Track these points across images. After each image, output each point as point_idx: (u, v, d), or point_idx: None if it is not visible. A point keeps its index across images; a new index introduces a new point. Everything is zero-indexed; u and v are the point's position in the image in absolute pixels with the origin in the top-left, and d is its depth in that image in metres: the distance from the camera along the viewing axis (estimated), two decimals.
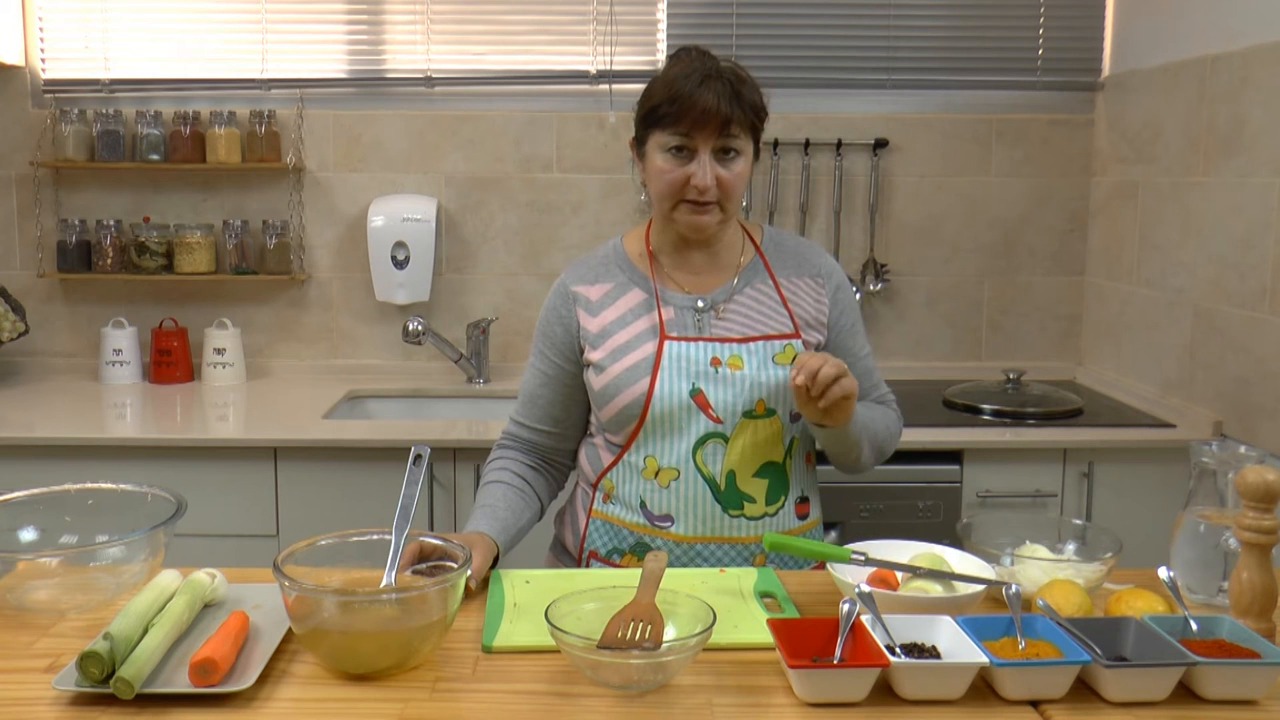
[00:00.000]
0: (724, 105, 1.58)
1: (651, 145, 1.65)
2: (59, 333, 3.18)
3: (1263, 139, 2.41)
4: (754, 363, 1.65)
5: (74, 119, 3.03)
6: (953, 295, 3.24)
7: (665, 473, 1.65)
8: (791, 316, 1.71)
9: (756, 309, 1.71)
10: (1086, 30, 3.14)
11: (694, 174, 1.61)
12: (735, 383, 1.64)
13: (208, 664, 1.17)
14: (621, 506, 1.69)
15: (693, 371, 1.64)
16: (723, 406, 1.63)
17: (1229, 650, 1.23)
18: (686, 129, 1.60)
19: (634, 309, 1.70)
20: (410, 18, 3.11)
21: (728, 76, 1.61)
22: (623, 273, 1.74)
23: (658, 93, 1.63)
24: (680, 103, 1.59)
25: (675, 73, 1.63)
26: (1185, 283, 2.71)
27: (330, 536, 1.38)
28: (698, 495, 1.64)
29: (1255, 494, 1.30)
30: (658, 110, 1.62)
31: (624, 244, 1.78)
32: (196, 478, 2.50)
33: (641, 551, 1.67)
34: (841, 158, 3.14)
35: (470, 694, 1.21)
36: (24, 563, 1.45)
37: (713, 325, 1.69)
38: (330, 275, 3.18)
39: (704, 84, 1.58)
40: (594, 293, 1.73)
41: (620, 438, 1.69)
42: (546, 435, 1.79)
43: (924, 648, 1.24)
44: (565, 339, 1.74)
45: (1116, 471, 2.58)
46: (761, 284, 1.73)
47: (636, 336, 1.68)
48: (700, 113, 1.58)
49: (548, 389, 1.77)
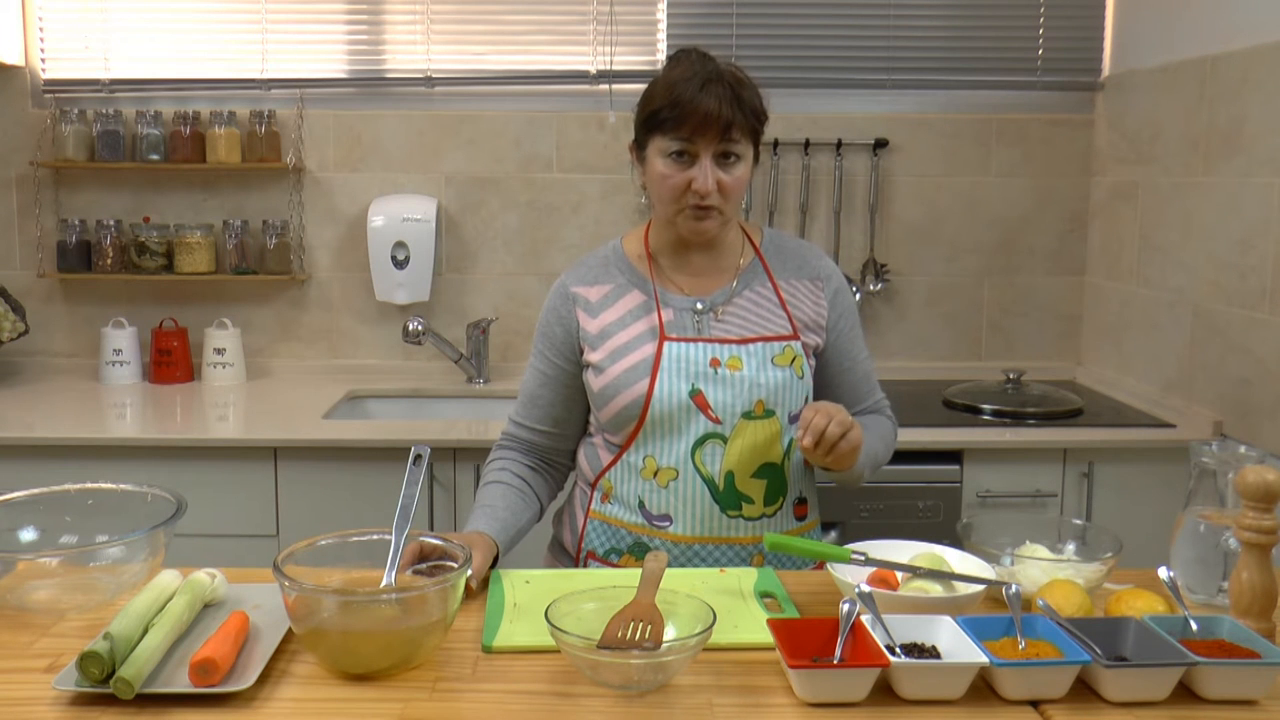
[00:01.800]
0: (725, 110, 1.57)
1: (652, 149, 1.65)
2: (59, 333, 3.18)
3: (1263, 139, 2.41)
4: (753, 364, 1.65)
5: (74, 119, 3.02)
6: (953, 295, 3.24)
7: (664, 472, 1.65)
8: (790, 319, 1.71)
9: (755, 311, 1.71)
10: (1086, 30, 3.14)
11: (695, 179, 1.60)
12: (734, 383, 1.64)
13: (208, 664, 1.17)
14: (620, 506, 1.69)
15: (692, 372, 1.64)
16: (722, 407, 1.64)
17: (1229, 650, 1.23)
18: (688, 134, 1.59)
19: (633, 310, 1.71)
20: (410, 18, 3.11)
21: (728, 80, 1.60)
22: (622, 274, 1.74)
23: (658, 96, 1.62)
24: (681, 107, 1.58)
25: (676, 76, 1.62)
26: (1185, 283, 2.71)
27: (330, 536, 1.38)
28: (696, 495, 1.64)
29: (1255, 494, 1.30)
30: (659, 115, 1.61)
31: (624, 245, 1.78)
32: (196, 478, 2.50)
33: (640, 552, 1.67)
34: (841, 158, 3.14)
35: (470, 694, 1.21)
36: (24, 563, 1.45)
37: (712, 327, 1.69)
38: (330, 275, 3.18)
39: (705, 88, 1.58)
40: (593, 294, 1.73)
41: (619, 438, 1.69)
42: (546, 436, 1.79)
43: (924, 648, 1.24)
44: (565, 339, 1.74)
45: (1116, 471, 2.58)
46: (760, 286, 1.73)
47: (636, 338, 1.68)
48: (702, 118, 1.58)
49: (547, 389, 1.77)
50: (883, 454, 1.78)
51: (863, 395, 1.80)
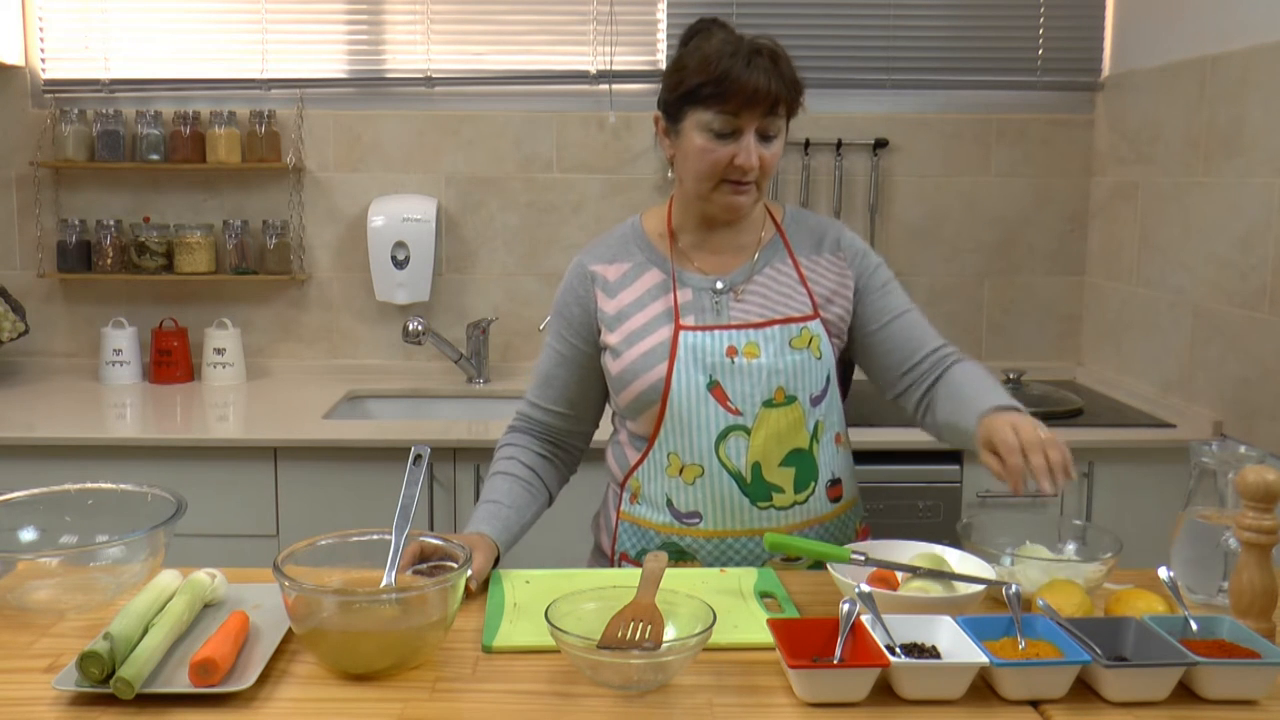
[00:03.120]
0: (773, 84, 1.53)
1: (690, 123, 1.58)
2: (59, 333, 3.18)
3: (1263, 139, 2.41)
4: (770, 349, 1.62)
5: (74, 119, 3.02)
6: (953, 295, 3.24)
7: (689, 469, 1.62)
8: (810, 295, 1.67)
9: (776, 289, 1.67)
10: (1086, 30, 3.14)
11: (739, 154, 1.56)
12: (752, 373, 1.61)
13: (208, 664, 1.17)
14: (648, 506, 1.66)
15: (708, 363, 1.61)
16: (741, 398, 1.61)
17: (1229, 650, 1.23)
18: (734, 109, 1.54)
19: (650, 290, 1.67)
20: (410, 18, 3.11)
21: (768, 53, 1.55)
22: (641, 252, 1.70)
23: (697, 69, 1.56)
24: (728, 82, 1.52)
25: (713, 49, 1.56)
26: (1185, 283, 2.71)
27: (330, 536, 1.38)
28: (724, 490, 1.62)
29: (1255, 494, 1.30)
30: (701, 89, 1.55)
31: (643, 223, 1.74)
32: (196, 478, 2.50)
33: (671, 552, 1.65)
34: (841, 158, 3.14)
35: (470, 694, 1.21)
36: (24, 563, 1.45)
37: (731, 308, 1.65)
38: (330, 275, 3.18)
39: (751, 63, 1.53)
40: (611, 272, 1.69)
41: (641, 428, 1.66)
42: (561, 418, 1.75)
43: (924, 648, 1.24)
44: (583, 320, 1.70)
45: (1116, 471, 2.58)
46: (780, 263, 1.69)
47: (652, 320, 1.65)
48: (750, 93, 1.53)
49: (563, 370, 1.73)
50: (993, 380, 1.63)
51: (915, 345, 1.70)
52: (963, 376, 1.65)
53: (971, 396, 1.58)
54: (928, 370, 1.69)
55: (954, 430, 1.60)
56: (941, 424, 1.64)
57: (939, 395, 1.65)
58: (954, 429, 1.60)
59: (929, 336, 1.72)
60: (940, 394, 1.65)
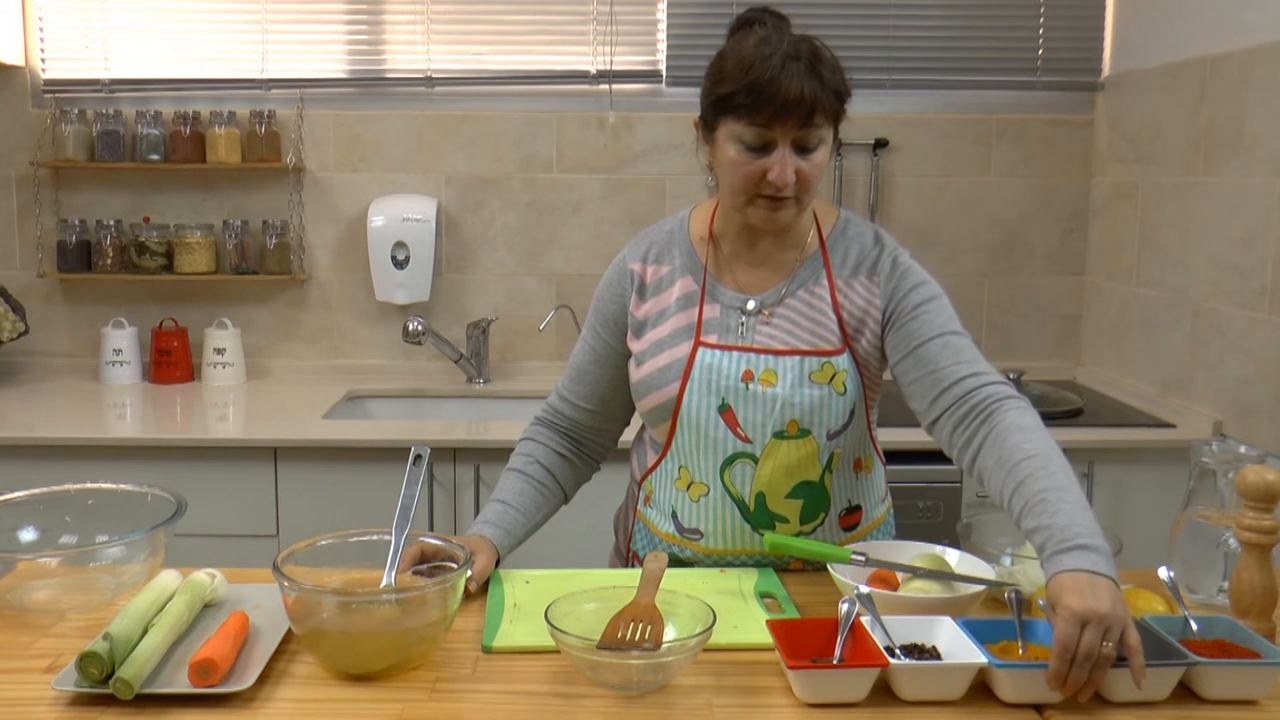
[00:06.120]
0: (808, 92, 1.42)
1: (723, 133, 1.48)
2: (59, 333, 3.18)
3: (1263, 139, 2.41)
4: (788, 380, 1.54)
5: (74, 119, 3.02)
6: (953, 295, 3.14)
7: (696, 487, 1.59)
8: (842, 324, 1.57)
9: (806, 314, 1.59)
10: (1086, 30, 3.14)
11: (771, 169, 1.45)
12: (765, 401, 1.54)
13: (207, 664, 1.17)
14: (657, 512, 1.65)
15: (722, 385, 1.55)
16: (751, 426, 1.55)
17: (1229, 650, 1.23)
18: (765, 121, 1.43)
19: (680, 299, 1.61)
20: (410, 18, 3.11)
21: (806, 57, 1.44)
22: (680, 255, 1.64)
23: (732, 75, 1.45)
24: (759, 92, 1.42)
25: (750, 52, 1.45)
26: (1185, 283, 2.71)
27: (330, 536, 1.38)
28: (726, 514, 1.58)
29: (1255, 494, 1.30)
30: (733, 99, 1.44)
31: (690, 222, 1.66)
32: (196, 478, 2.50)
33: (673, 559, 1.64)
34: (841, 158, 3.14)
35: (470, 694, 1.21)
36: (24, 563, 1.45)
37: (757, 330, 1.58)
38: (330, 275, 3.18)
39: (785, 68, 1.42)
40: (650, 274, 1.64)
41: (659, 434, 1.64)
42: (589, 415, 1.71)
43: (924, 648, 1.24)
44: (618, 318, 1.65)
45: (1116, 471, 2.58)
46: (816, 285, 1.59)
47: (674, 333, 1.60)
48: (781, 104, 1.42)
49: (596, 366, 1.68)
50: (1060, 459, 1.37)
51: (947, 371, 1.49)
52: (1021, 450, 1.38)
53: (1037, 505, 1.31)
54: (960, 399, 1.47)
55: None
56: (994, 495, 1.41)
57: (987, 454, 1.42)
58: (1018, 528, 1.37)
59: (963, 362, 1.50)
60: (989, 456, 1.41)
